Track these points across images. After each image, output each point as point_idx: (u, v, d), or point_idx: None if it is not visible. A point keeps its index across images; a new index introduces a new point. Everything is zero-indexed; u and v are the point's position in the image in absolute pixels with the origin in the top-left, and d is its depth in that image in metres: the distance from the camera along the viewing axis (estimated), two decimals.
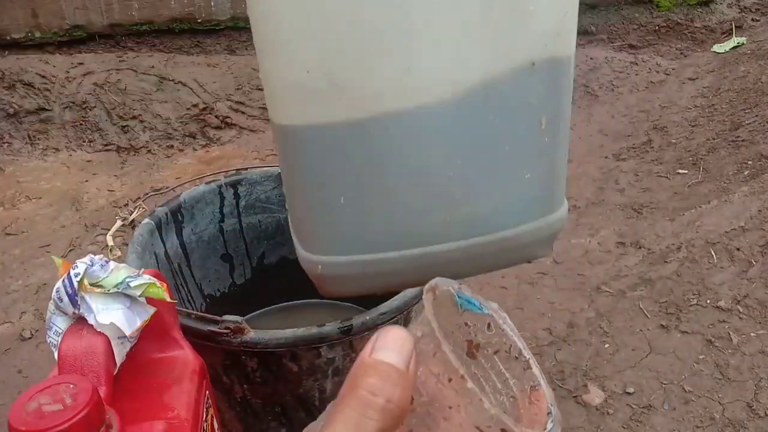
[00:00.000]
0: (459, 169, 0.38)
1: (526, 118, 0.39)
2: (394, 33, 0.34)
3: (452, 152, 0.38)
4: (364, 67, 0.35)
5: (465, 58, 0.35)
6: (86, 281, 0.45)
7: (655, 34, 2.44)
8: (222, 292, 1.04)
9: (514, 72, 0.37)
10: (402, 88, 0.35)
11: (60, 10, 2.23)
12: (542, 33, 0.37)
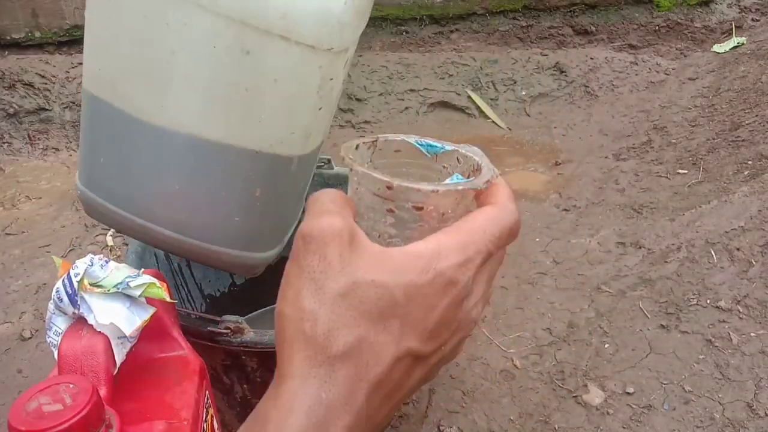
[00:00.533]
0: (184, 187, 0.51)
1: (243, 183, 0.52)
2: (153, 79, 0.48)
3: (182, 173, 0.51)
4: (134, 90, 0.49)
5: (209, 123, 0.48)
6: (86, 281, 0.45)
7: (655, 34, 2.44)
8: (222, 292, 1.04)
9: (244, 150, 0.50)
10: (156, 116, 0.49)
11: (60, 10, 2.23)
12: (269, 136, 0.50)
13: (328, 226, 0.30)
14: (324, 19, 0.47)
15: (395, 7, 2.42)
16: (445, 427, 0.98)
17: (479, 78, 2.30)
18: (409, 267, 0.30)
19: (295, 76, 0.49)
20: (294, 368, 0.29)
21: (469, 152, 0.39)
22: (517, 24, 2.47)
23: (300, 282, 0.31)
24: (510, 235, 0.34)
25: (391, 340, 0.30)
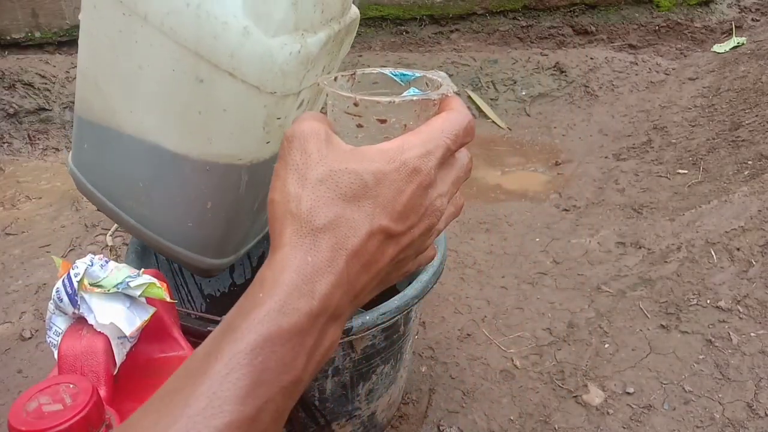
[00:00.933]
0: (147, 186, 0.57)
1: (196, 194, 0.57)
2: (124, 87, 0.55)
3: (145, 175, 0.57)
4: (110, 94, 0.56)
5: (168, 135, 0.54)
6: (86, 281, 0.45)
7: (655, 34, 2.44)
8: (222, 292, 1.03)
9: (197, 164, 0.55)
10: (126, 119, 0.55)
11: (60, 10, 2.23)
12: (218, 156, 0.55)
13: (308, 126, 0.37)
14: (267, 65, 0.52)
15: (395, 7, 2.42)
16: (445, 427, 0.98)
17: (479, 78, 2.30)
18: (378, 158, 0.36)
19: (241, 110, 0.54)
20: (284, 239, 0.35)
21: (434, 76, 0.43)
22: (517, 24, 2.47)
23: (285, 173, 0.36)
24: (465, 133, 0.40)
25: (365, 216, 0.35)
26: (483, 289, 1.29)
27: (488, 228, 1.53)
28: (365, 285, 0.36)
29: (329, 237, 0.34)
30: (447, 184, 0.39)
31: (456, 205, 0.42)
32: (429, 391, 1.05)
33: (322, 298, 0.33)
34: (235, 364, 0.32)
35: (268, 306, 0.33)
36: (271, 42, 0.51)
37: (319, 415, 0.82)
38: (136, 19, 0.51)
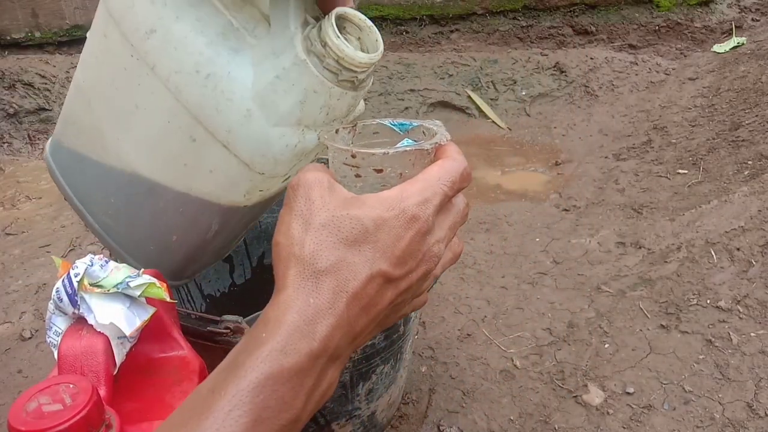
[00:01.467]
0: (119, 206, 0.59)
1: (165, 227, 0.58)
2: (116, 122, 0.55)
3: (120, 198, 0.58)
4: (100, 120, 0.56)
5: (151, 169, 0.55)
6: (86, 281, 0.45)
7: (655, 34, 2.44)
8: (222, 292, 1.04)
9: (173, 201, 0.56)
10: (111, 143, 0.56)
11: (60, 10, 2.23)
12: (194, 202, 0.56)
13: (312, 176, 0.39)
14: (262, 150, 0.52)
15: (395, 7, 2.42)
16: (445, 427, 0.98)
17: (479, 78, 2.30)
18: (378, 205, 0.37)
19: (227, 176, 0.54)
20: (288, 281, 0.36)
21: (431, 125, 0.45)
22: (517, 24, 2.47)
23: (290, 218, 0.38)
24: (462, 179, 0.41)
25: (365, 261, 0.36)
26: (483, 289, 1.29)
27: (488, 228, 1.53)
28: (364, 327, 0.37)
29: (331, 279, 0.36)
30: (444, 229, 0.41)
31: (454, 251, 0.44)
32: (429, 391, 1.05)
33: (322, 339, 0.35)
34: (237, 402, 0.33)
35: (270, 345, 0.34)
36: (270, 130, 0.51)
37: (319, 415, 0.82)
38: (142, 65, 0.51)
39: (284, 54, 0.49)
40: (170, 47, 0.49)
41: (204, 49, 0.49)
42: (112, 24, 0.52)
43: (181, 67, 0.50)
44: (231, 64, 0.49)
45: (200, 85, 0.50)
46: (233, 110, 0.50)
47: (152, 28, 0.49)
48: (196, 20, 0.49)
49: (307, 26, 0.50)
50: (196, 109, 0.50)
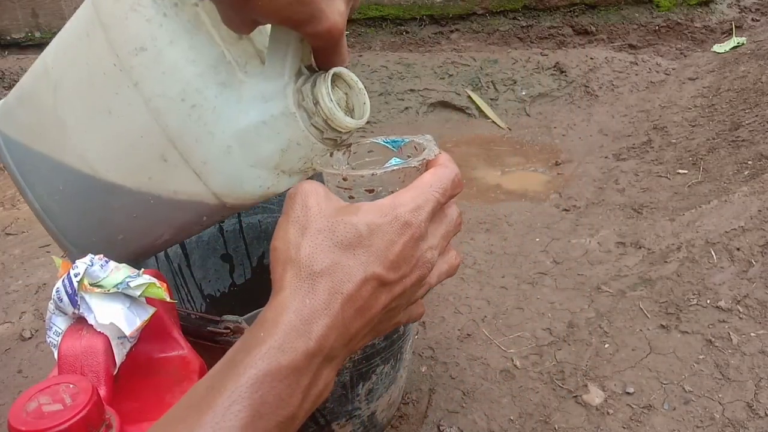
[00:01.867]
0: (67, 194, 0.56)
1: (112, 224, 0.56)
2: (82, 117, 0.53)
3: (71, 186, 0.55)
4: (63, 109, 0.53)
5: (109, 170, 0.53)
6: (86, 281, 0.45)
7: (655, 34, 2.44)
8: (222, 292, 1.04)
9: (127, 206, 0.54)
10: (71, 135, 0.53)
11: (60, 10, 2.23)
12: (149, 211, 0.54)
13: (309, 185, 0.40)
14: (234, 186, 0.52)
15: (395, 7, 2.42)
16: (445, 427, 0.98)
17: (479, 78, 2.30)
18: (371, 211, 0.39)
19: (190, 199, 0.53)
20: (285, 283, 0.37)
21: (421, 140, 0.47)
22: (517, 24, 2.47)
23: (287, 224, 0.39)
24: (453, 186, 0.43)
25: (359, 264, 0.37)
26: (483, 289, 1.29)
27: (488, 228, 1.53)
28: (358, 330, 0.38)
29: (326, 281, 0.37)
30: (437, 237, 0.42)
31: (450, 264, 0.45)
32: (429, 391, 1.05)
33: (318, 338, 0.36)
34: (236, 397, 0.33)
35: (268, 344, 0.35)
36: (247, 170, 0.51)
37: (319, 415, 0.82)
38: (125, 78, 0.49)
39: (274, 101, 0.49)
40: (158, 70, 0.48)
41: (193, 79, 0.48)
42: (99, 27, 0.50)
43: (167, 92, 0.49)
44: (218, 99, 0.49)
45: (184, 114, 0.49)
46: (213, 144, 0.49)
47: (143, 46, 0.48)
48: (189, 48, 0.48)
49: (300, 76, 0.50)
50: (175, 135, 0.49)
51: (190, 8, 0.49)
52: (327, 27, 0.42)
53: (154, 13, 0.48)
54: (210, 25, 0.49)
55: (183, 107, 0.49)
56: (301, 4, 0.40)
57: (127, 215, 0.54)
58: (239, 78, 0.49)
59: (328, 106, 0.47)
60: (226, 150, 0.50)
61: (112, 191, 0.54)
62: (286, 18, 0.42)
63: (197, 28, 0.49)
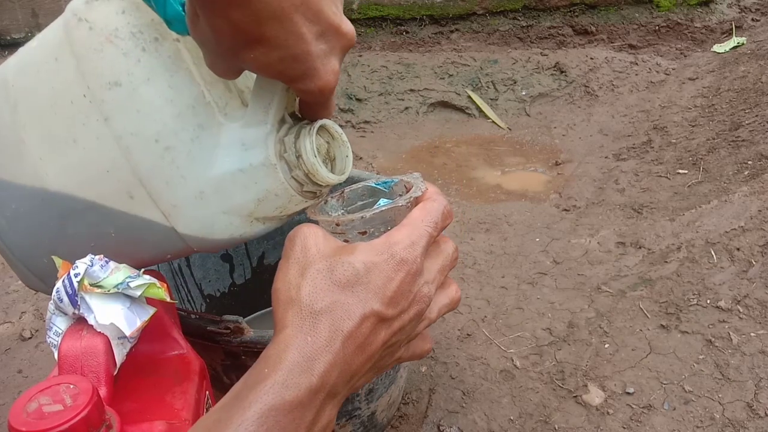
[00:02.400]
0: (20, 210, 0.52)
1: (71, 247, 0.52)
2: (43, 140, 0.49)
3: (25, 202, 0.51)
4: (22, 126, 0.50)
5: (81, 201, 0.49)
6: (86, 281, 0.45)
7: (655, 34, 2.44)
8: (222, 292, 1.04)
9: (98, 233, 0.51)
10: (30, 153, 0.49)
11: (60, 10, 2.23)
12: (136, 243, 0.51)
13: (307, 228, 0.42)
14: (203, 232, 0.49)
15: (395, 7, 2.42)
16: (445, 427, 0.98)
17: (479, 78, 2.30)
18: (368, 250, 0.40)
19: (153, 237, 0.50)
20: (287, 322, 0.39)
21: (410, 178, 0.48)
22: (517, 24, 2.47)
23: (287, 266, 0.41)
24: (444, 218, 0.44)
25: (358, 301, 0.39)
26: (483, 289, 1.29)
27: (488, 228, 1.53)
28: (360, 366, 0.39)
29: (327, 319, 0.38)
30: (433, 272, 0.43)
31: (451, 297, 0.46)
32: (429, 391, 1.05)
33: (320, 375, 0.37)
34: (243, 430, 0.34)
35: (272, 380, 0.36)
36: (219, 216, 0.48)
37: None
38: (94, 110, 0.46)
39: (254, 150, 0.46)
40: (133, 107, 0.45)
41: (170, 120, 0.45)
42: (70, 54, 0.47)
43: (140, 131, 0.46)
44: (194, 142, 0.46)
45: (156, 155, 0.46)
46: (185, 189, 0.47)
47: (118, 81, 0.45)
48: (168, 87, 0.45)
49: (283, 124, 0.47)
50: (145, 175, 0.46)
51: (170, 43, 0.46)
52: (320, 86, 0.41)
53: (132, 47, 0.45)
54: (191, 62, 0.46)
55: (156, 148, 0.46)
56: (295, 61, 0.39)
57: (84, 242, 0.51)
58: (218, 120, 0.46)
59: (311, 161, 0.45)
60: (199, 195, 0.47)
61: (70, 217, 0.50)
62: (278, 73, 0.41)
63: (177, 65, 0.46)
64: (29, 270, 0.56)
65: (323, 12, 0.38)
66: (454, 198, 1.73)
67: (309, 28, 0.38)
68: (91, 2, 0.47)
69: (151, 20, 0.45)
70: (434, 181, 1.84)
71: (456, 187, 1.81)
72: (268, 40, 0.37)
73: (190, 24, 0.40)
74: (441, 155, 1.99)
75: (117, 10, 0.46)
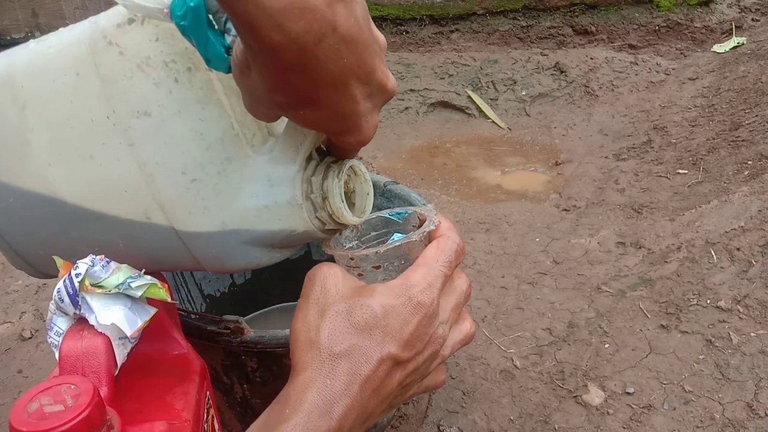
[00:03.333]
0: (22, 213, 0.51)
1: (69, 245, 0.51)
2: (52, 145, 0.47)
3: (30, 202, 0.50)
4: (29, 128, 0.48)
5: (91, 210, 0.48)
6: (87, 281, 0.45)
7: (655, 34, 2.44)
8: (222, 292, 1.04)
9: (104, 242, 0.50)
10: (36, 156, 0.48)
11: (60, 10, 2.23)
12: (146, 255, 0.51)
13: (327, 267, 0.43)
14: (222, 259, 0.48)
15: (395, 7, 2.42)
16: (445, 427, 0.98)
17: (479, 78, 2.30)
18: (386, 293, 0.41)
19: (166, 255, 0.50)
20: (306, 363, 0.40)
21: (424, 210, 0.49)
22: (517, 24, 2.47)
23: (307, 306, 0.42)
24: (457, 256, 0.45)
25: (376, 344, 0.40)
26: (483, 289, 1.29)
27: (488, 228, 1.53)
28: (375, 408, 0.41)
29: (345, 363, 0.39)
30: (447, 311, 0.44)
31: (465, 333, 0.46)
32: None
33: (339, 419, 0.38)
34: None
35: (293, 421, 0.37)
36: (239, 246, 0.48)
37: None
38: (118, 134, 0.44)
39: (281, 187, 0.45)
40: (161, 138, 0.44)
41: (198, 153, 0.44)
42: (94, 75, 0.45)
43: (167, 161, 0.45)
44: (221, 176, 0.45)
45: (182, 186, 0.45)
46: (207, 219, 0.46)
47: (147, 111, 0.44)
48: (198, 120, 0.44)
49: (310, 161, 0.47)
50: (167, 202, 0.46)
51: (203, 73, 0.44)
52: (360, 140, 0.41)
53: (164, 77, 0.43)
54: (222, 93, 0.45)
55: (182, 180, 0.45)
56: (341, 119, 0.39)
57: (87, 246, 0.50)
58: (245, 152, 0.45)
59: (338, 205, 0.45)
60: (220, 225, 0.46)
61: (74, 222, 0.49)
62: (322, 128, 0.41)
63: (208, 96, 0.44)
64: (19, 255, 0.55)
65: (375, 73, 0.38)
66: (454, 198, 1.73)
67: (361, 90, 0.37)
68: (123, 26, 0.44)
69: (185, 48, 0.43)
70: (434, 181, 1.84)
71: (456, 187, 1.81)
72: (321, 102, 0.37)
73: (238, 73, 0.38)
74: (441, 155, 1.99)
75: (151, 36, 0.44)
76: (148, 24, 0.44)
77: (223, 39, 0.39)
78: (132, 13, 0.43)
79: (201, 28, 0.38)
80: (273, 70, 0.35)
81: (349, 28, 0.33)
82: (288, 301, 1.05)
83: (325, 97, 0.36)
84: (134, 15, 0.44)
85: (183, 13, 0.37)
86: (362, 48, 0.35)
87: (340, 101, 0.37)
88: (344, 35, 0.33)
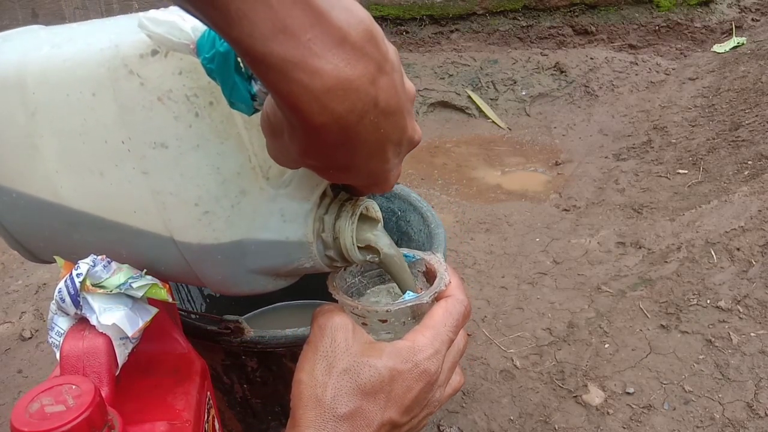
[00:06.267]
0: (24, 209, 0.51)
1: (70, 244, 0.51)
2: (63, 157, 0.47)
3: (32, 210, 0.50)
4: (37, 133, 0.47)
5: (98, 219, 0.48)
6: (88, 282, 0.45)
7: (655, 34, 2.44)
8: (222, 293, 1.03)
9: (106, 248, 0.49)
10: (46, 164, 0.48)
11: (60, 9, 2.23)
12: (149, 265, 0.50)
13: (339, 319, 0.43)
14: (227, 285, 0.49)
15: (395, 7, 2.42)
16: (445, 427, 0.98)
17: (479, 78, 2.30)
18: (394, 356, 0.41)
19: (169, 270, 0.50)
20: (308, 421, 0.40)
21: (432, 261, 0.50)
22: (517, 24, 2.47)
23: (315, 358, 0.42)
24: (464, 318, 0.45)
25: (378, 409, 0.40)
26: (483, 289, 1.29)
27: (488, 228, 1.54)
28: None
29: (347, 427, 0.40)
30: (446, 372, 0.45)
31: (454, 387, 0.47)
32: None
33: None
34: None
35: None
36: (245, 274, 0.48)
37: None
38: (132, 159, 0.44)
39: (293, 224, 0.45)
40: (176, 171, 0.43)
41: (214, 187, 0.44)
42: (111, 99, 0.44)
43: (181, 193, 0.44)
44: (234, 209, 0.44)
45: (194, 217, 0.45)
46: (216, 249, 0.46)
47: (164, 143, 0.43)
48: (216, 154, 0.43)
49: (324, 198, 0.46)
50: (177, 230, 0.45)
51: (224, 107, 0.42)
52: (384, 190, 0.41)
53: (185, 111, 0.42)
54: (242, 126, 0.43)
55: (195, 211, 0.44)
56: (370, 177, 0.38)
57: (89, 247, 0.49)
58: (259, 185, 0.44)
59: (348, 247, 0.45)
60: (229, 255, 0.46)
61: (79, 226, 0.49)
62: (349, 183, 0.41)
63: (228, 131, 0.43)
64: (18, 243, 0.54)
65: (406, 131, 0.37)
66: (454, 198, 1.73)
67: (393, 151, 0.37)
68: (147, 57, 0.43)
69: (207, 82, 0.42)
70: (434, 181, 1.84)
71: (456, 187, 1.81)
72: (354, 167, 0.36)
73: (269, 133, 0.37)
74: (441, 155, 1.99)
75: (174, 70, 0.42)
76: (172, 57, 0.42)
77: (250, 86, 0.37)
78: (157, 45, 0.42)
79: (229, 73, 0.36)
80: (310, 144, 0.34)
81: (388, 100, 0.32)
82: (288, 301, 1.05)
83: (360, 164, 0.36)
84: (158, 47, 0.42)
85: (211, 56, 0.36)
86: (399, 116, 0.35)
87: (374, 165, 0.37)
88: (384, 108, 0.32)
